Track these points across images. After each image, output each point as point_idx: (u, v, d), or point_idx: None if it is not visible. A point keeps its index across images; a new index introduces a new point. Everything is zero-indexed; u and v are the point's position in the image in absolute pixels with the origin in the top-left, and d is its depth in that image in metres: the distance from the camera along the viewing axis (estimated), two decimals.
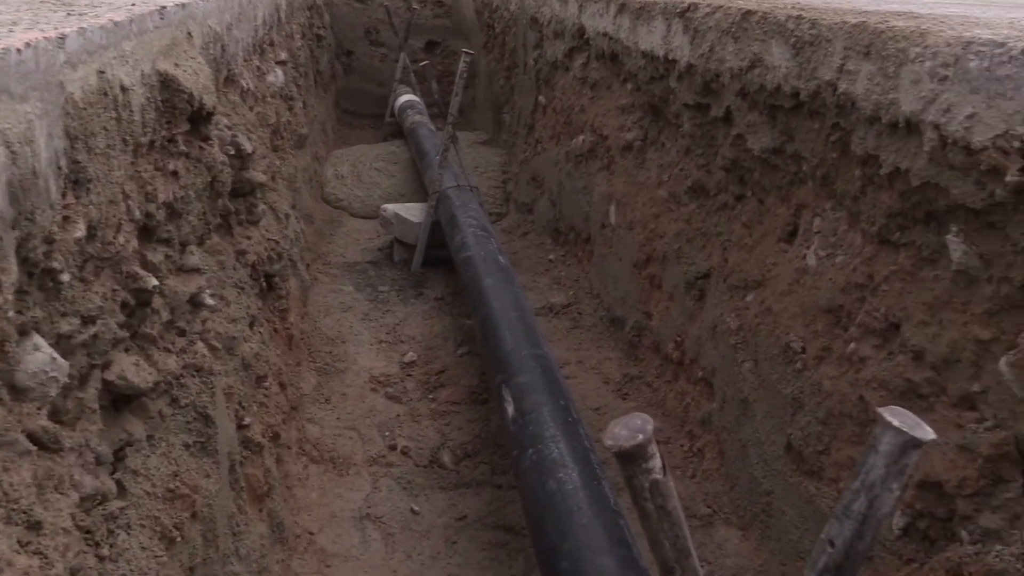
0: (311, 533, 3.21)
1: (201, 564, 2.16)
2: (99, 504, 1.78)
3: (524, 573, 3.11)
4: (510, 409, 2.94)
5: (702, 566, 3.14)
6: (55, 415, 1.53)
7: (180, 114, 2.34)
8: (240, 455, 2.71)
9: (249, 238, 3.49)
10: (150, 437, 2.11)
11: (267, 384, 3.19)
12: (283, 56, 5.57)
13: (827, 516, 2.66)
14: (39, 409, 1.43)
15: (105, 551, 1.74)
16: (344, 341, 4.66)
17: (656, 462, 1.04)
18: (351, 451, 3.75)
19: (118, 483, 1.91)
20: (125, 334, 1.96)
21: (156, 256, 2.24)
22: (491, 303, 3.72)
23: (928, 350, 2.29)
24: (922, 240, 2.37)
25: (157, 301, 2.24)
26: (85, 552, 1.59)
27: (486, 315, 3.65)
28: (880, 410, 1.07)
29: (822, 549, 1.05)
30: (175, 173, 2.34)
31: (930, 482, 2.18)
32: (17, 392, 1.40)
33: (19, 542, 1.26)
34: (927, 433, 1.03)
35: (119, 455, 1.99)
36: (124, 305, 1.98)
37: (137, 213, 1.98)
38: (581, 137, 5.55)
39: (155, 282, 2.07)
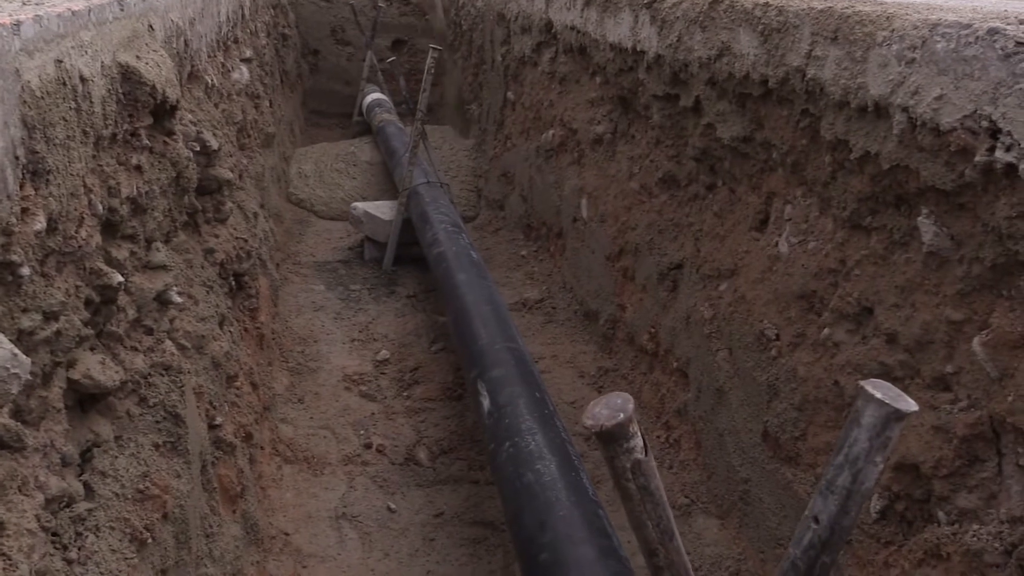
0: (286, 534, 3.17)
1: (174, 567, 2.11)
2: (66, 506, 1.73)
3: (503, 568, 3.08)
4: (486, 403, 2.91)
5: None
6: (18, 414, 1.49)
7: (143, 107, 2.29)
8: (212, 455, 2.67)
9: (217, 236, 3.43)
10: (118, 438, 2.07)
11: (238, 384, 3.14)
12: (248, 54, 5.50)
13: (805, 502, 2.66)
14: (0, 408, 1.39)
15: (73, 554, 1.70)
16: (316, 340, 4.61)
17: (638, 441, 1.02)
18: (326, 450, 3.71)
19: (86, 485, 1.87)
20: (90, 331, 1.91)
21: (121, 252, 2.19)
22: (464, 298, 3.69)
23: (901, 333, 2.29)
24: (893, 224, 2.38)
25: (123, 299, 2.19)
26: (52, 555, 1.55)
27: (459, 310, 3.63)
28: (862, 383, 1.06)
29: (807, 526, 1.04)
30: (139, 168, 2.29)
31: (906, 464, 2.18)
32: None
33: None
34: (909, 404, 1.02)
35: (86, 456, 1.95)
36: (88, 302, 1.94)
37: (100, 207, 1.93)
38: (551, 131, 5.54)
39: (120, 278, 2.02)
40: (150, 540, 1.97)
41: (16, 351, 1.40)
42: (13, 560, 1.27)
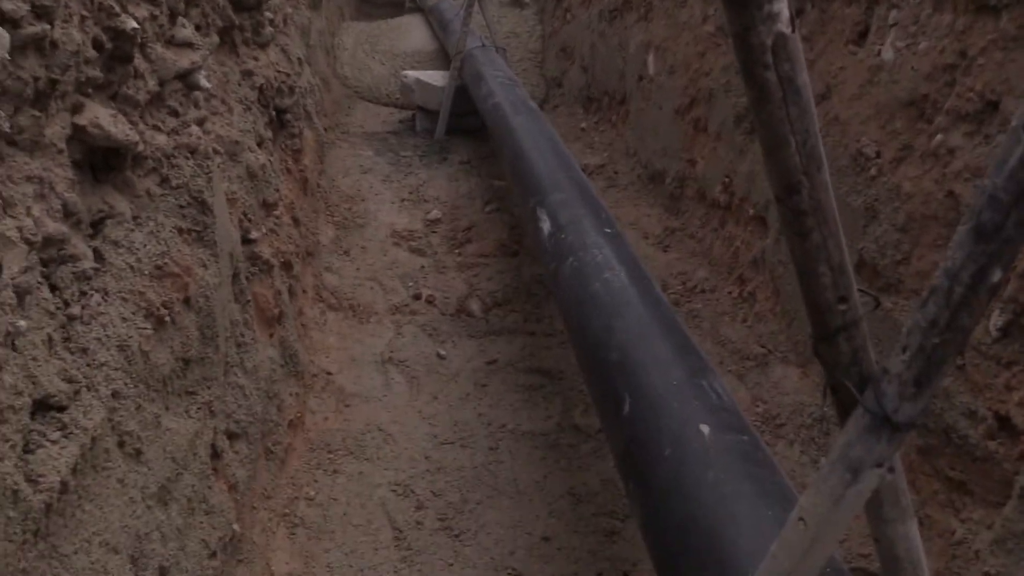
0: (329, 373, 2.96)
1: (198, 360, 1.89)
2: (68, 261, 1.50)
3: (561, 413, 2.84)
4: (546, 227, 2.63)
5: (757, 406, 2.85)
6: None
7: None
8: (247, 269, 2.44)
9: (256, 60, 3.17)
10: (136, 217, 1.84)
11: (278, 212, 2.91)
12: None
13: None
14: None
15: (75, 310, 1.47)
16: (364, 199, 4.36)
17: (783, 5, 0.72)
18: (372, 300, 3.48)
19: (95, 251, 1.64)
20: (98, 74, 1.66)
21: (139, 11, 1.93)
22: (521, 135, 3.39)
23: None
24: None
25: (141, 64, 1.93)
26: (39, 284, 1.31)
27: (516, 147, 3.33)
28: None
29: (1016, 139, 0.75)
30: None
31: None
32: None
33: None
34: None
35: (97, 226, 1.72)
36: (99, 45, 1.69)
37: None
38: None
39: (134, 24, 1.76)
40: (168, 320, 1.75)
41: None
42: None
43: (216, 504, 1.83)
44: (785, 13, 0.73)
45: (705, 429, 1.49)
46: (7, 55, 1.21)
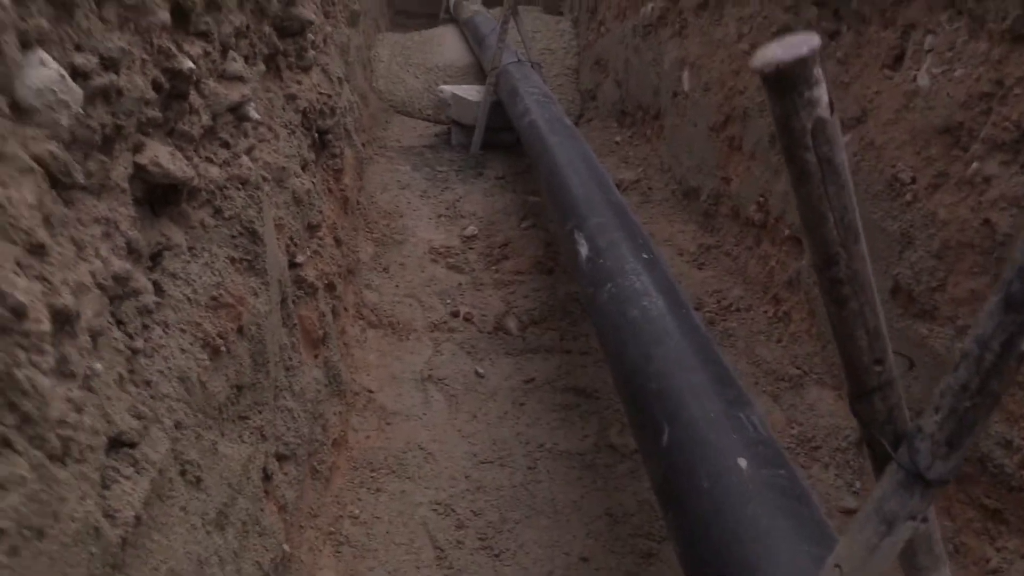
0: (370, 391, 3.03)
1: (250, 386, 1.97)
2: (131, 296, 1.58)
3: (598, 432, 2.89)
4: (583, 251, 2.68)
5: (792, 428, 2.87)
6: (70, 151, 1.31)
7: None
8: (293, 292, 2.52)
9: (299, 83, 3.25)
10: (191, 248, 1.91)
11: (321, 234, 2.98)
12: None
13: (942, 359, 2.37)
14: (48, 137, 1.21)
15: (139, 343, 1.54)
16: (402, 215, 4.43)
17: (822, 92, 0.77)
18: (411, 317, 3.55)
19: (155, 284, 1.72)
20: (157, 114, 1.73)
21: (193, 48, 2.01)
22: (557, 156, 3.44)
23: None
24: None
25: (196, 100, 2.01)
26: (110, 325, 1.39)
27: (552, 167, 3.38)
28: None
29: None
30: None
31: None
32: (20, 112, 1.18)
33: (17, 263, 1.05)
34: None
35: (156, 259, 1.79)
36: (157, 86, 1.76)
37: None
38: (650, 5, 5.17)
39: (191, 64, 1.84)
40: (224, 349, 1.82)
41: (65, 74, 1.22)
42: (54, 286, 1.11)
43: (268, 526, 1.90)
44: (824, 99, 0.78)
45: (743, 463, 1.53)
46: (80, 109, 1.28)
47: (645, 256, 2.51)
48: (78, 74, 1.37)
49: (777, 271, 3.47)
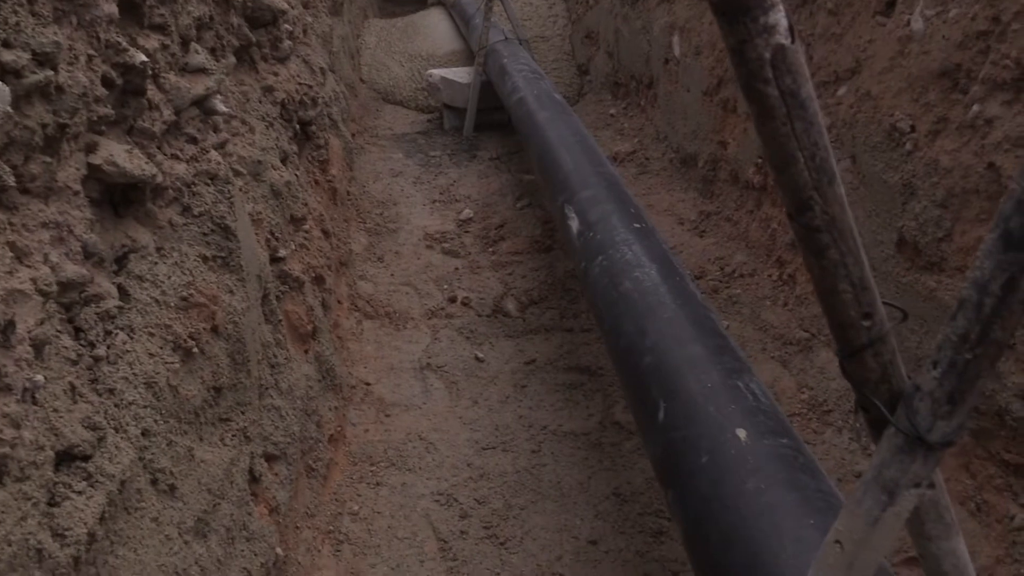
0: (367, 384, 2.96)
1: (230, 387, 1.90)
2: (91, 301, 1.50)
3: (603, 411, 2.81)
4: (574, 225, 2.60)
5: (802, 392, 2.78)
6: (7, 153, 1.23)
7: None
8: (277, 288, 2.44)
9: (276, 75, 3.16)
10: (160, 248, 1.84)
11: (307, 227, 2.90)
12: None
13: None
14: None
15: (101, 351, 1.47)
16: (395, 203, 4.35)
17: (780, 16, 0.68)
18: (408, 306, 3.47)
19: (120, 287, 1.64)
20: (110, 111, 1.65)
21: (149, 42, 1.93)
22: (547, 132, 3.35)
23: None
24: None
25: (155, 95, 1.93)
26: (59, 333, 1.31)
27: (543, 143, 3.29)
28: None
29: None
30: None
31: None
32: None
33: None
34: None
35: (121, 261, 1.72)
36: (108, 83, 1.68)
37: None
38: None
39: (143, 58, 1.76)
40: (196, 351, 1.75)
41: None
42: None
43: (256, 530, 1.83)
44: (783, 24, 0.69)
45: (742, 434, 1.45)
46: (9, 108, 1.21)
47: (637, 226, 2.42)
48: (7, 71, 1.29)
49: (779, 233, 3.37)
